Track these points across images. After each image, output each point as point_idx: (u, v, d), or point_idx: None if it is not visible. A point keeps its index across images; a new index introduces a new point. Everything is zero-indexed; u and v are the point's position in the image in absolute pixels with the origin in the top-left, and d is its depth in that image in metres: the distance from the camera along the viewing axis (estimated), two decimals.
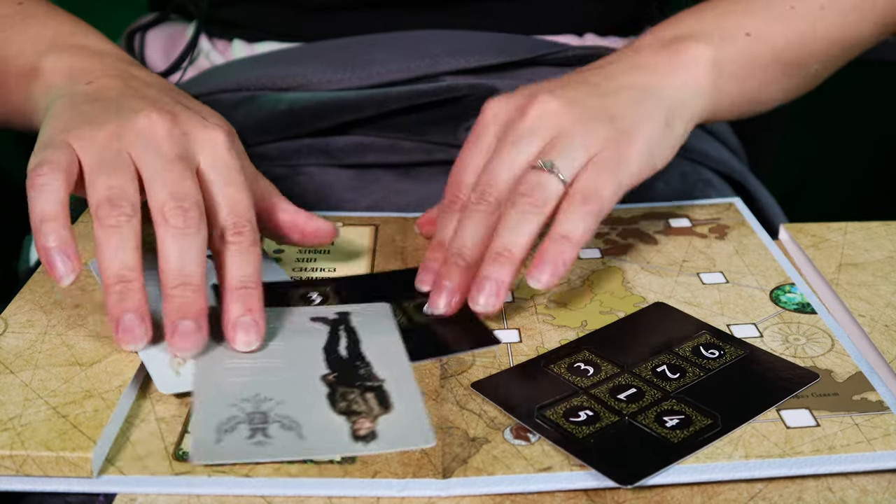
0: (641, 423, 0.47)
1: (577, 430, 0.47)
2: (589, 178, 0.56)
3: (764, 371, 0.51)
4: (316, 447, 0.46)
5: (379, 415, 0.48)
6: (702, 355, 0.53)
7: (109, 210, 0.50)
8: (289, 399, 0.49)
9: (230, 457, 0.45)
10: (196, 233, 0.50)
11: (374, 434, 0.47)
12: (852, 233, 0.64)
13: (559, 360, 0.52)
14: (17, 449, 0.44)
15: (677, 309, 0.57)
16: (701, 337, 0.54)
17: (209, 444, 0.46)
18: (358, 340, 0.54)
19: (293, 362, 0.52)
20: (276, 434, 0.47)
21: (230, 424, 0.47)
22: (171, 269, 0.50)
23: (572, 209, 0.55)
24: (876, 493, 0.44)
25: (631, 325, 0.56)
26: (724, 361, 0.52)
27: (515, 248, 0.54)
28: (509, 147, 0.57)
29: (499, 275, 0.54)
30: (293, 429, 0.47)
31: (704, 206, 0.69)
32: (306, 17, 0.79)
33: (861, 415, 0.48)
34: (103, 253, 0.49)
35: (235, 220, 0.53)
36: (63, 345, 0.52)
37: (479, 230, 0.56)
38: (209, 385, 0.50)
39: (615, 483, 0.44)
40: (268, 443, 0.46)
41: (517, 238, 0.54)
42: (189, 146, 0.53)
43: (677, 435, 0.46)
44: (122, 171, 0.51)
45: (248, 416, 0.48)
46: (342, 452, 0.46)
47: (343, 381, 0.50)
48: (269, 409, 0.48)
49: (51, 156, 0.51)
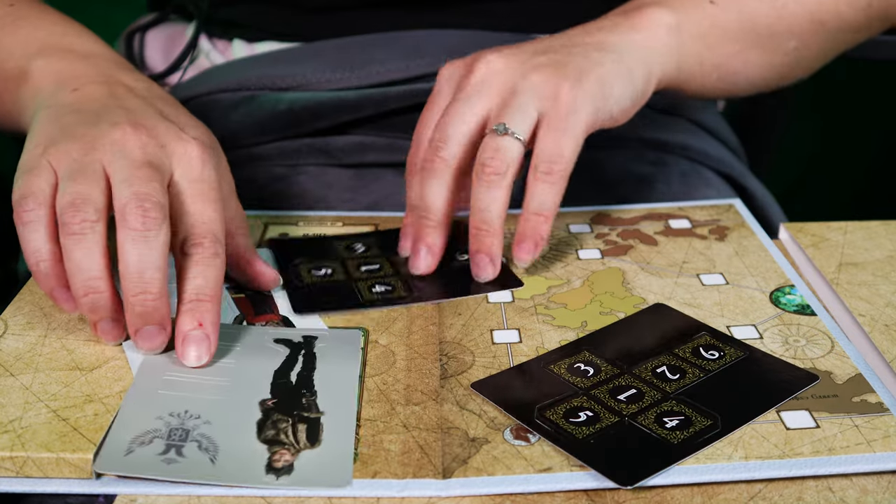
0: (641, 424, 0.47)
1: (577, 431, 0.47)
2: (545, 143, 0.58)
3: (764, 372, 0.51)
4: (226, 474, 0.44)
5: (303, 449, 0.46)
6: (702, 356, 0.53)
7: (73, 215, 0.49)
8: (216, 420, 0.47)
9: (135, 470, 0.44)
10: (156, 236, 0.49)
11: (290, 468, 0.45)
12: (852, 232, 0.64)
13: (559, 361, 0.53)
14: (18, 450, 0.44)
15: (677, 310, 0.57)
16: (701, 338, 0.54)
17: (118, 455, 0.45)
18: (314, 368, 0.52)
19: (237, 383, 0.50)
20: (190, 454, 0.45)
21: (147, 437, 0.46)
22: (131, 274, 0.49)
23: (539, 184, 0.58)
24: (876, 493, 0.44)
25: (631, 326, 0.56)
26: (724, 363, 0.52)
27: (493, 219, 0.58)
28: (460, 103, 0.59)
29: (487, 247, 0.58)
30: (209, 451, 0.45)
31: (704, 208, 0.69)
32: (306, 17, 0.79)
33: (861, 416, 0.48)
34: (69, 262, 0.49)
35: (197, 231, 0.52)
36: (63, 349, 0.52)
37: (439, 187, 0.59)
38: (141, 393, 0.49)
39: (615, 484, 0.44)
40: (178, 462, 0.44)
41: (492, 208, 0.58)
42: (164, 158, 0.53)
43: (677, 436, 0.46)
44: (90, 177, 0.51)
45: (169, 431, 0.46)
46: (251, 483, 0.44)
47: (281, 408, 0.48)
48: (193, 427, 0.46)
49: (33, 185, 0.51)
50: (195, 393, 0.49)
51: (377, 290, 0.59)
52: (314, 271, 0.61)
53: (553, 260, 0.63)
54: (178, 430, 0.46)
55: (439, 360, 0.53)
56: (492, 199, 0.57)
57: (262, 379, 0.51)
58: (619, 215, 0.68)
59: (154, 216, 0.49)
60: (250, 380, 0.50)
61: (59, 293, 0.51)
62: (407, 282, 0.60)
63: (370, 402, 0.50)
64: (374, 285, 0.60)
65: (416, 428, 0.48)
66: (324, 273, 0.61)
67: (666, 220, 0.67)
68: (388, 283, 0.60)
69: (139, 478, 0.44)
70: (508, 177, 0.57)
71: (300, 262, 0.62)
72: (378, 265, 0.62)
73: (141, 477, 0.44)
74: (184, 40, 0.84)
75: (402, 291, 0.59)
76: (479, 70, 0.60)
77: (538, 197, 0.58)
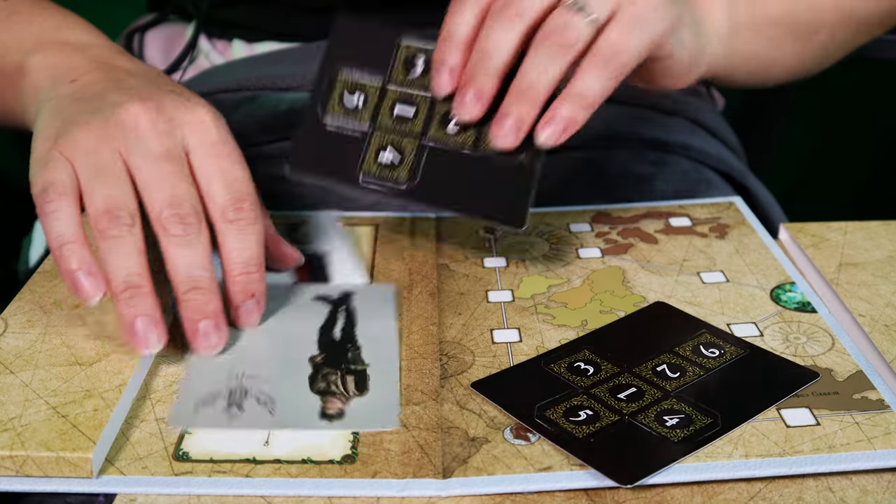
0: (641, 423, 0.47)
1: (577, 430, 0.47)
2: (615, 33, 0.53)
3: (764, 370, 0.51)
4: (283, 421, 0.48)
5: (352, 397, 0.50)
6: (702, 354, 0.53)
7: (109, 222, 0.50)
8: (272, 377, 0.51)
9: (202, 424, 0.48)
10: (196, 237, 0.51)
11: (342, 413, 0.48)
12: (852, 232, 0.64)
13: (559, 360, 0.52)
14: (17, 449, 0.44)
15: (677, 308, 0.57)
16: (701, 336, 0.54)
17: (187, 414, 0.49)
18: (354, 323, 0.56)
19: (287, 343, 0.54)
20: (250, 408, 0.49)
21: (210, 398, 0.50)
22: (180, 276, 0.51)
23: (593, 68, 0.53)
24: (876, 493, 0.44)
25: (631, 325, 0.56)
26: (725, 360, 0.52)
27: (540, 86, 0.53)
28: None
29: (521, 111, 0.53)
30: (266, 404, 0.49)
31: (705, 206, 0.69)
32: (306, 17, 0.79)
33: (861, 413, 0.48)
34: (108, 263, 0.50)
35: (233, 197, 0.53)
36: (63, 345, 0.52)
37: (510, 35, 0.53)
38: (202, 361, 0.52)
39: (615, 483, 0.44)
40: (239, 415, 0.49)
41: (542, 77, 0.53)
42: (175, 132, 0.53)
43: (677, 434, 0.46)
44: (116, 178, 0.51)
45: (229, 391, 0.50)
46: (305, 427, 0.48)
47: (329, 362, 0.52)
48: (251, 385, 0.51)
49: (51, 176, 0.51)
50: (249, 353, 0.53)
51: (383, 159, 0.56)
52: (346, 95, 0.57)
53: (553, 259, 0.63)
54: (238, 390, 0.50)
55: (439, 359, 0.53)
56: (546, 69, 0.52)
57: (309, 336, 0.55)
58: (620, 214, 0.68)
59: (191, 221, 0.51)
60: (298, 338, 0.55)
61: (81, 277, 0.50)
62: (419, 156, 0.56)
63: None
64: (385, 146, 0.56)
65: (416, 428, 0.48)
66: (355, 104, 0.57)
67: (666, 219, 0.67)
68: (399, 151, 0.56)
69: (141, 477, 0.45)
70: (571, 55, 0.52)
71: (342, 72, 0.57)
72: (414, 110, 0.56)
73: (205, 427, 0.47)
74: (183, 41, 0.84)
75: (403, 174, 0.55)
76: None
77: (586, 81, 0.53)
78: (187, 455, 0.46)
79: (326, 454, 0.46)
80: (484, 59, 0.53)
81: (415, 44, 0.57)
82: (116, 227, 0.50)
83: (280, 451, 0.46)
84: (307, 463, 0.46)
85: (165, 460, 0.46)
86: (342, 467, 0.45)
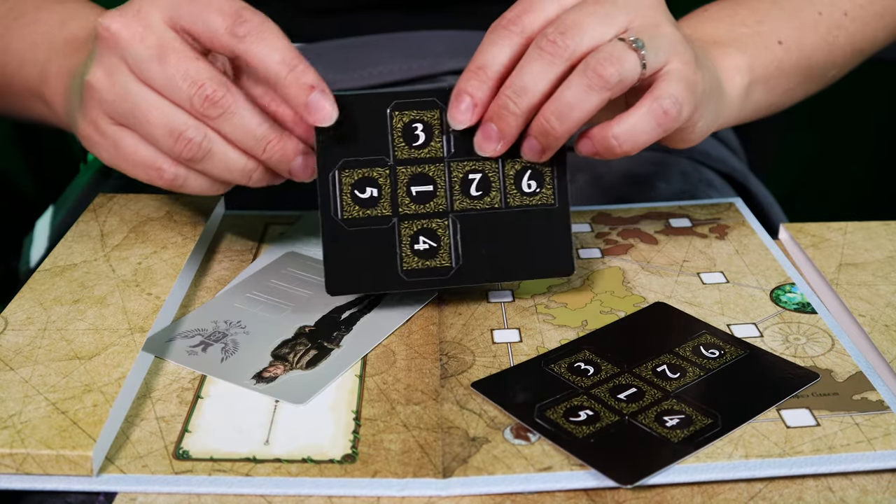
0: (641, 423, 0.47)
1: (577, 430, 0.47)
2: (675, 90, 0.52)
3: (764, 371, 0.51)
4: (223, 372, 0.51)
5: (295, 368, 0.51)
6: (702, 355, 0.53)
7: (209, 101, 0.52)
8: (253, 332, 0.54)
9: (164, 354, 0.52)
10: (235, 104, 0.52)
11: (273, 379, 0.50)
12: (852, 233, 0.64)
13: (559, 360, 0.52)
14: (17, 447, 0.44)
15: (677, 309, 0.57)
16: (701, 337, 0.54)
17: (161, 340, 0.53)
18: (370, 309, 0.57)
19: (296, 309, 0.56)
20: (211, 352, 0.52)
21: (192, 333, 0.54)
22: (248, 143, 0.53)
23: (649, 119, 0.52)
24: (876, 493, 0.44)
25: (631, 325, 0.56)
26: (725, 361, 0.52)
27: (570, 120, 0.51)
28: (611, 4, 0.52)
29: (542, 140, 0.52)
30: (227, 353, 0.52)
31: (705, 206, 0.69)
32: (306, 18, 0.79)
33: (861, 414, 0.48)
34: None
35: (230, 18, 0.52)
36: (62, 339, 0.52)
37: (547, 76, 0.51)
38: (221, 300, 0.57)
39: (616, 483, 0.44)
40: (197, 356, 0.52)
41: (575, 109, 0.50)
42: (152, 17, 0.52)
43: (677, 434, 0.46)
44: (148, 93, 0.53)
45: (212, 332, 0.54)
46: (234, 382, 0.50)
47: (312, 336, 0.54)
48: (232, 333, 0.54)
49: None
50: (257, 310, 0.56)
51: (419, 247, 0.54)
52: (357, 192, 0.54)
53: None
54: (217, 333, 0.54)
55: (439, 359, 0.53)
56: (581, 101, 0.50)
57: (319, 309, 0.56)
58: (620, 214, 0.68)
59: (220, 93, 0.51)
60: (309, 308, 0.57)
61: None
62: (454, 234, 0.54)
63: (370, 401, 0.50)
64: (417, 237, 0.55)
65: (417, 427, 0.48)
66: (368, 195, 0.54)
67: (666, 219, 0.67)
68: (433, 236, 0.54)
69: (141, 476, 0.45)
70: (612, 93, 0.50)
71: (343, 166, 0.54)
72: (432, 186, 0.54)
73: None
74: None
75: (445, 260, 0.54)
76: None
77: (633, 125, 0.51)
78: (187, 454, 0.46)
79: (327, 453, 0.46)
80: (519, 95, 0.51)
81: (405, 109, 0.54)
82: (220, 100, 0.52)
83: (280, 451, 0.46)
84: (307, 462, 0.46)
85: (165, 459, 0.46)
86: (342, 466, 0.45)
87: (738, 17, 0.66)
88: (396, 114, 0.54)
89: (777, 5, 0.67)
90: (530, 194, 0.55)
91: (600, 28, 0.51)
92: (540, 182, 0.55)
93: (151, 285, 0.56)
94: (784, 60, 0.65)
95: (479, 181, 0.54)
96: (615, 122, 0.52)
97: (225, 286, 0.59)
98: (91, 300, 0.55)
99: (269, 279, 0.59)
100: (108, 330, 0.53)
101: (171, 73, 0.51)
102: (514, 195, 0.55)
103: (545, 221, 0.55)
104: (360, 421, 0.48)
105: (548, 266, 0.54)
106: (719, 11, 0.66)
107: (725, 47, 0.63)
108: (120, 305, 0.55)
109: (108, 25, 0.52)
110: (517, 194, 0.55)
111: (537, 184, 0.55)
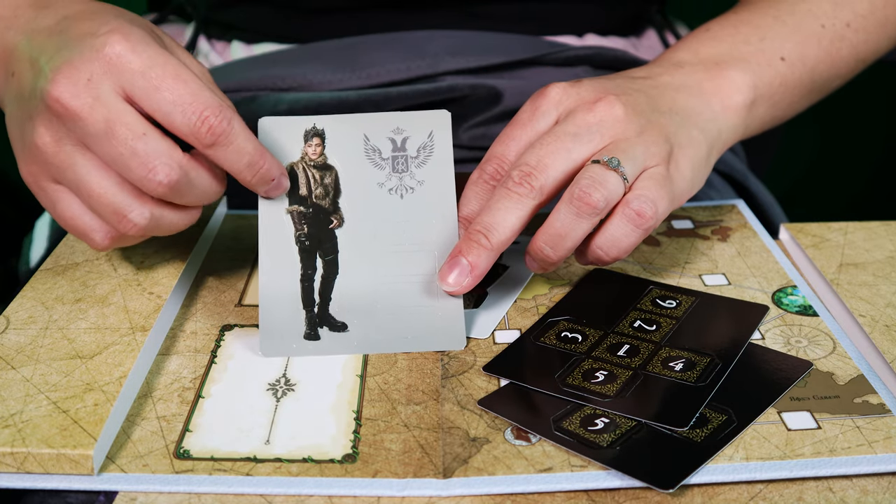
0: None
1: (599, 439, 0.47)
2: (646, 189, 0.53)
3: (759, 364, 0.52)
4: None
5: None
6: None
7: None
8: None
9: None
10: (188, 186, 0.51)
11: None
12: (852, 233, 0.64)
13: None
14: (18, 446, 0.44)
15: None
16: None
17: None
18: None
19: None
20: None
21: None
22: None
23: (624, 223, 0.53)
24: (876, 494, 0.44)
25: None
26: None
27: (563, 247, 0.53)
28: (570, 138, 0.54)
29: (539, 263, 0.54)
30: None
31: (707, 208, 0.69)
32: (305, 18, 0.79)
33: (862, 417, 0.48)
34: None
35: (195, 120, 0.50)
36: (64, 338, 0.52)
37: (514, 214, 0.53)
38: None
39: (658, 488, 0.44)
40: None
41: (569, 238, 0.53)
42: (102, 87, 0.49)
43: (698, 434, 0.47)
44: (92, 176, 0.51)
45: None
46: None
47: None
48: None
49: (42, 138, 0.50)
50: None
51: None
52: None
53: None
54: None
55: (440, 359, 0.53)
56: (572, 229, 0.52)
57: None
58: None
59: (173, 176, 0.49)
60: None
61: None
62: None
63: (371, 401, 0.50)
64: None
65: (417, 427, 0.48)
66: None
67: (668, 221, 0.67)
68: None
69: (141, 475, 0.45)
70: (600, 215, 0.53)
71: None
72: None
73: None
74: (183, 42, 0.84)
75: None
76: (601, 109, 0.55)
77: (614, 234, 0.53)
78: (188, 453, 0.46)
79: (327, 453, 0.46)
80: (490, 231, 0.53)
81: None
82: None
83: (281, 450, 0.46)
84: (308, 462, 0.46)
85: (166, 458, 0.46)
86: (343, 466, 0.45)
87: (740, 36, 0.65)
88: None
89: (779, 21, 0.67)
90: None
91: (562, 164, 0.54)
92: None
93: (153, 284, 0.57)
94: (787, 76, 0.65)
95: None
96: (598, 234, 0.54)
97: (224, 286, 0.59)
98: (93, 299, 0.55)
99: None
100: (110, 329, 0.53)
101: (120, 151, 0.49)
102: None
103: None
104: (360, 421, 0.48)
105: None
106: (721, 30, 0.66)
107: (727, 68, 0.63)
108: (121, 305, 0.55)
109: (58, 97, 0.49)
110: None
111: None
